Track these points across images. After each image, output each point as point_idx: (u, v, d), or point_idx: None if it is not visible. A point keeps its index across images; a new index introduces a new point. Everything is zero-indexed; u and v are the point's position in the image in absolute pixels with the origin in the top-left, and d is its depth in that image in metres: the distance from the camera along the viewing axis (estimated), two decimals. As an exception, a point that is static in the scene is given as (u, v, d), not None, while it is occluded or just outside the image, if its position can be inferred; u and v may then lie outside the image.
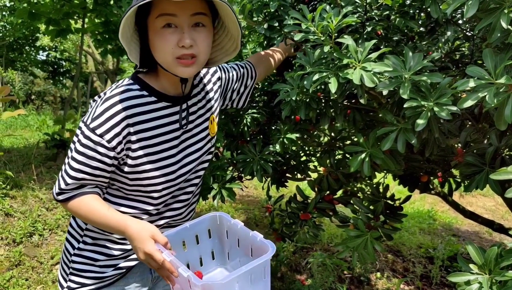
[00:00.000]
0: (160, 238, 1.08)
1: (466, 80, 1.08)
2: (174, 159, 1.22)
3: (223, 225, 1.25)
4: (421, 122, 1.24)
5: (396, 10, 1.44)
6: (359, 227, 1.76)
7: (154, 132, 1.16)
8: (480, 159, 1.44)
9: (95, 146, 1.10)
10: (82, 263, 1.30)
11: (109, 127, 1.09)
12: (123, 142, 1.12)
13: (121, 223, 1.13)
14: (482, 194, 6.25)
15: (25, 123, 8.55)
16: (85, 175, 1.13)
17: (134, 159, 1.15)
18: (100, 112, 1.10)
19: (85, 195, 1.16)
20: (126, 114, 1.10)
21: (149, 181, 1.19)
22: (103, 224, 1.16)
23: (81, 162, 1.12)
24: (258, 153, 1.82)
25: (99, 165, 1.13)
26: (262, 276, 1.07)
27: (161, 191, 1.23)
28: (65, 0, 5.05)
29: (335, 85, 1.24)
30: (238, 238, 1.21)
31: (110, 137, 1.09)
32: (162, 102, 1.18)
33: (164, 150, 1.19)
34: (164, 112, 1.18)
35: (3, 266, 2.95)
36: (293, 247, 3.62)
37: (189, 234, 1.23)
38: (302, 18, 1.27)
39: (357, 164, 1.53)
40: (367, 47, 1.25)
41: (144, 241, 1.07)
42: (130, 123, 1.11)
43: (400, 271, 3.53)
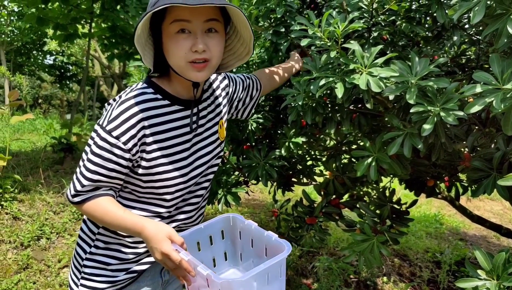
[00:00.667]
0: (177, 239, 1.10)
1: (473, 86, 1.08)
2: (186, 161, 1.24)
3: (236, 226, 1.27)
4: (428, 127, 1.24)
5: (402, 15, 1.45)
6: (366, 231, 1.76)
7: (167, 135, 1.19)
8: (488, 164, 1.43)
9: (112, 148, 1.12)
10: (94, 267, 1.30)
11: (125, 129, 1.12)
12: (138, 144, 1.14)
13: (138, 224, 1.14)
14: (490, 198, 6.21)
15: (33, 127, 8.62)
16: (101, 177, 1.15)
17: (148, 161, 1.17)
18: (116, 115, 1.12)
19: (100, 197, 1.18)
20: (141, 116, 1.13)
21: (163, 183, 1.21)
22: (119, 226, 1.17)
23: (97, 164, 1.14)
24: (263, 158, 1.83)
25: (115, 167, 1.14)
26: (279, 274, 1.09)
27: (174, 193, 1.25)
28: (72, 5, 5.10)
29: (341, 90, 1.24)
30: (252, 239, 1.23)
31: (126, 139, 1.12)
32: (175, 105, 1.21)
33: (177, 153, 1.22)
34: (177, 115, 1.21)
35: (11, 269, 2.97)
36: (299, 251, 3.61)
37: (203, 235, 1.25)
38: (308, 24, 1.27)
39: (364, 168, 1.53)
40: (373, 52, 1.25)
41: (161, 242, 1.08)
42: (145, 125, 1.14)
43: (407, 276, 3.51)
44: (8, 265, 3.02)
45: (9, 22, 10.67)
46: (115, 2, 4.78)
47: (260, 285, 1.03)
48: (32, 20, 4.91)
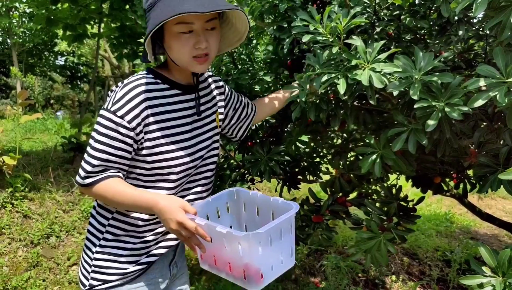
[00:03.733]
0: (189, 208, 1.15)
1: (477, 80, 1.06)
2: (188, 143, 1.30)
3: (240, 199, 1.33)
4: (432, 122, 1.22)
5: (406, 10, 1.43)
6: (372, 229, 1.74)
7: (168, 116, 1.26)
8: (494, 159, 1.41)
9: (117, 127, 1.18)
10: (105, 259, 1.33)
11: (129, 108, 1.19)
12: (142, 124, 1.21)
13: (150, 199, 1.18)
14: (502, 196, 6.12)
15: (44, 127, 8.72)
16: (109, 156, 1.20)
17: (152, 141, 1.23)
18: (120, 96, 1.20)
19: (110, 178, 1.22)
20: (145, 96, 1.21)
21: (167, 162, 1.26)
22: (131, 204, 1.21)
23: (105, 143, 1.19)
24: (266, 153, 1.82)
25: (122, 146, 1.20)
26: (289, 231, 1.16)
27: (179, 174, 1.29)
28: (81, 5, 5.14)
29: (343, 86, 1.23)
30: (258, 207, 1.29)
31: (131, 118, 1.19)
32: (174, 89, 1.30)
33: (178, 134, 1.28)
34: (177, 99, 1.30)
35: (21, 267, 3.01)
36: (307, 249, 3.60)
37: (211, 208, 1.30)
38: (310, 19, 1.27)
39: (368, 165, 1.52)
40: (376, 47, 1.24)
41: (175, 211, 1.13)
42: (148, 106, 1.22)
43: (416, 274, 3.48)
44: (18, 262, 3.06)
45: (21, 23, 10.79)
46: (123, 2, 4.81)
47: (274, 239, 1.10)
48: (42, 21, 4.97)
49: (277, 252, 1.16)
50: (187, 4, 1.09)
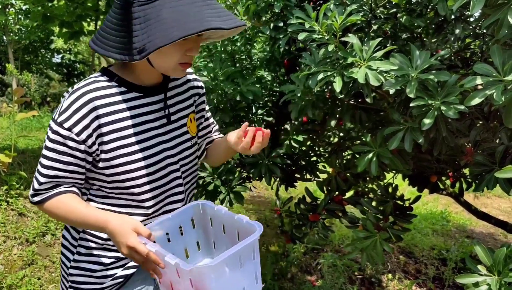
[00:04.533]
0: (143, 230, 1.04)
1: (473, 78, 1.06)
2: (150, 151, 1.16)
3: (206, 213, 1.21)
4: (428, 121, 1.22)
5: (403, 8, 1.42)
6: (368, 228, 1.74)
7: (125, 123, 1.11)
8: (490, 158, 1.41)
9: (65, 140, 1.06)
10: (80, 275, 1.25)
11: (77, 120, 1.05)
12: (94, 135, 1.08)
13: (101, 218, 1.09)
14: (498, 195, 6.14)
15: (40, 125, 8.67)
16: (58, 172, 1.10)
17: (107, 152, 1.10)
18: (67, 106, 1.06)
19: (62, 194, 1.12)
20: (93, 105, 1.06)
21: (126, 175, 1.13)
22: (83, 223, 1.12)
23: (52, 159, 1.08)
24: (267, 155, 1.81)
25: (71, 160, 1.09)
26: (252, 257, 1.04)
27: (142, 186, 1.16)
28: (78, 2, 5.11)
29: (339, 84, 1.23)
30: (224, 224, 1.17)
31: (79, 130, 1.06)
32: (133, 92, 1.13)
33: (139, 142, 1.14)
34: (135, 103, 1.14)
35: (16, 265, 2.99)
36: (304, 248, 3.60)
37: (172, 225, 1.18)
38: (305, 18, 1.26)
39: (365, 163, 1.52)
40: (372, 45, 1.24)
41: (126, 235, 1.03)
42: (99, 115, 1.07)
43: (412, 273, 3.48)
44: (13, 260, 3.04)
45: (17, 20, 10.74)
46: (119, -1, 4.78)
47: (233, 270, 1.00)
48: (38, 17, 4.94)
49: (238, 281, 1.04)
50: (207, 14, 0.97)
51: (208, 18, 0.95)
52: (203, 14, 0.95)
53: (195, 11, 0.95)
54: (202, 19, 0.94)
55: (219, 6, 1.01)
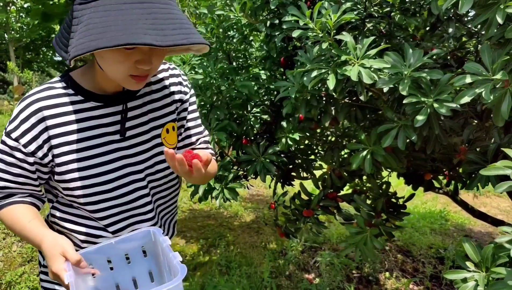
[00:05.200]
0: (71, 256, 0.93)
1: (463, 76, 1.07)
2: (109, 166, 1.05)
3: (157, 242, 1.07)
4: (421, 118, 1.23)
5: (397, 7, 1.44)
6: (359, 224, 1.76)
7: (80, 136, 1.01)
8: (482, 156, 1.43)
9: (12, 151, 0.99)
10: (48, 281, 1.20)
11: (25, 130, 0.98)
12: (45, 147, 1.00)
13: (38, 237, 1.00)
14: (497, 195, 6.14)
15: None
16: (7, 183, 1.03)
17: (59, 166, 1.02)
18: (16, 114, 0.99)
19: (13, 205, 1.06)
20: (42, 115, 0.98)
21: (80, 191, 1.04)
22: (24, 237, 1.04)
23: (0, 170, 1.02)
24: (262, 153, 1.83)
25: (21, 172, 1.02)
26: None
27: (98, 204, 1.06)
28: (78, 1, 5.13)
29: (333, 81, 1.24)
30: (166, 258, 1.03)
31: (27, 141, 0.98)
32: (90, 102, 1.02)
33: (95, 156, 1.04)
34: (93, 113, 1.03)
35: (16, 262, 3.02)
36: (302, 246, 3.61)
37: (115, 252, 1.06)
38: (300, 15, 1.27)
39: (359, 161, 1.53)
40: (365, 43, 1.25)
41: (53, 258, 0.93)
42: (48, 126, 0.99)
43: (410, 271, 3.49)
44: (13, 257, 3.06)
45: (18, 18, 10.76)
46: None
47: None
48: (38, 15, 4.96)
49: None
50: (141, 25, 0.81)
51: (140, 30, 0.80)
52: (135, 25, 0.80)
53: (126, 20, 0.80)
54: (130, 31, 0.79)
55: (171, 17, 0.85)
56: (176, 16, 0.87)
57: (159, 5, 0.85)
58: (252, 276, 3.08)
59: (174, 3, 0.90)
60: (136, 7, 0.82)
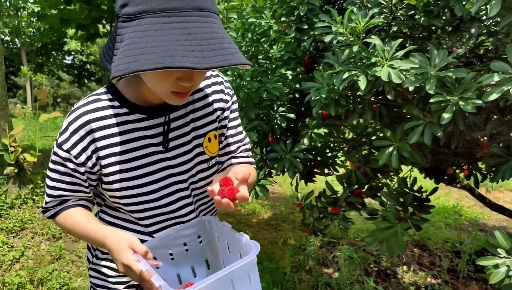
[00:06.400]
0: (139, 248, 0.98)
1: (491, 75, 1.14)
2: (154, 176, 1.08)
3: (213, 230, 1.12)
4: (447, 116, 1.30)
5: (421, 9, 1.51)
6: (389, 219, 1.83)
7: (125, 147, 1.05)
8: (506, 150, 1.49)
9: (64, 162, 1.03)
10: (97, 277, 1.26)
11: (75, 142, 1.01)
12: (93, 158, 1.04)
13: (100, 234, 1.05)
14: (509, 189, 6.18)
15: (55, 125, 8.84)
16: (62, 192, 1.09)
17: (106, 176, 1.06)
18: (65, 126, 1.02)
19: (68, 209, 1.12)
20: (90, 127, 1.01)
21: (127, 200, 1.08)
22: (84, 237, 1.10)
23: (55, 179, 1.07)
24: (289, 151, 1.91)
25: (74, 180, 1.07)
26: (248, 281, 0.91)
27: (143, 212, 1.11)
28: (93, 5, 5.23)
29: (364, 82, 1.31)
30: (228, 242, 1.07)
31: (77, 152, 1.02)
32: (136, 114, 1.04)
33: (140, 167, 1.06)
34: (138, 125, 1.05)
35: (45, 260, 3.12)
36: (320, 241, 3.69)
37: (175, 243, 1.10)
38: (331, 21, 1.35)
39: (386, 157, 1.61)
40: (393, 45, 1.32)
41: (122, 252, 0.98)
42: (96, 138, 1.02)
43: (427, 265, 3.56)
44: (42, 256, 3.17)
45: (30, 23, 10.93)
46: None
47: None
48: (56, 21, 5.07)
49: None
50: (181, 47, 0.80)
51: (179, 53, 0.79)
52: (174, 47, 0.80)
53: (165, 41, 0.80)
54: (169, 53, 0.79)
55: (210, 37, 0.84)
56: (216, 35, 0.85)
57: (198, 24, 0.84)
58: (274, 271, 3.16)
59: (215, 19, 0.89)
60: (176, 27, 0.82)
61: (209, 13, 0.87)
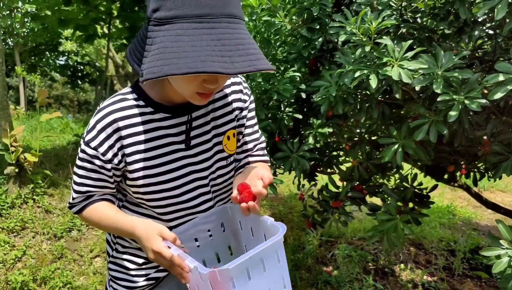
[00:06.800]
0: (168, 234, 1.02)
1: (496, 75, 1.21)
2: (175, 174, 1.12)
3: (235, 216, 1.16)
4: (454, 114, 1.37)
5: (428, 12, 1.57)
6: (391, 212, 1.89)
7: (150, 145, 1.09)
8: (506, 148, 1.56)
9: (92, 159, 1.08)
10: (117, 270, 1.30)
11: (102, 139, 1.06)
12: (119, 154, 1.08)
13: (128, 224, 1.10)
14: (501, 189, 6.31)
15: (49, 126, 8.81)
16: (88, 188, 1.14)
17: (131, 173, 1.10)
18: (93, 125, 1.07)
19: (95, 203, 1.16)
20: (117, 126, 1.06)
21: (150, 196, 1.13)
22: (113, 229, 1.15)
23: (82, 176, 1.12)
24: (296, 150, 1.96)
25: (100, 177, 1.11)
26: (276, 260, 0.96)
27: (166, 207, 1.15)
28: (91, 6, 5.26)
29: (375, 81, 1.38)
30: (251, 227, 1.12)
31: (104, 150, 1.07)
32: (160, 113, 1.09)
33: (164, 164, 1.11)
34: (162, 124, 1.10)
35: (47, 259, 3.14)
36: (318, 240, 3.75)
37: (200, 229, 1.16)
38: (345, 21, 1.41)
39: (391, 154, 1.67)
40: (404, 46, 1.39)
41: (152, 239, 1.02)
42: (122, 136, 1.06)
43: (423, 263, 3.63)
44: (43, 255, 3.18)
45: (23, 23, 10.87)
46: (134, 3, 4.93)
47: (256, 273, 0.92)
48: (54, 22, 5.09)
49: (262, 286, 0.95)
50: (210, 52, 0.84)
51: (209, 58, 0.84)
52: (205, 52, 0.84)
53: (196, 46, 0.84)
54: (200, 58, 0.83)
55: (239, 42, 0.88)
56: (244, 41, 0.89)
57: (228, 30, 0.88)
58: (275, 268, 3.21)
59: (242, 25, 0.93)
60: (207, 32, 0.86)
61: (237, 19, 0.91)
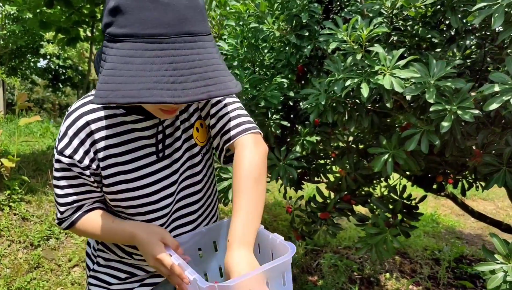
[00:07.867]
0: (170, 241, 0.99)
1: (492, 85, 1.18)
2: (153, 177, 1.06)
3: None
4: (446, 124, 1.34)
5: (419, 20, 1.55)
6: (379, 225, 1.85)
7: (124, 148, 1.03)
8: (498, 159, 1.54)
9: (69, 166, 1.01)
10: (97, 285, 1.22)
11: (76, 146, 0.99)
12: (96, 159, 1.02)
13: (128, 230, 1.04)
14: (483, 198, 6.38)
15: (29, 130, 8.59)
16: (75, 197, 1.06)
17: (106, 178, 1.03)
18: (64, 131, 1.00)
19: (86, 214, 1.09)
20: (90, 129, 0.99)
21: (128, 202, 1.06)
22: (111, 237, 1.09)
23: (64, 186, 1.04)
24: (283, 158, 1.91)
25: (83, 181, 1.04)
26: (281, 282, 0.91)
27: (146, 215, 1.08)
28: (74, 8, 5.15)
29: (366, 90, 1.34)
30: (259, 243, 1.06)
31: (80, 156, 1.00)
32: (132, 115, 1.02)
33: (139, 168, 1.05)
34: (135, 126, 1.03)
35: (23, 269, 3.01)
36: (304, 249, 3.70)
37: (205, 240, 1.10)
38: (336, 29, 1.37)
39: (381, 164, 1.63)
40: (395, 55, 1.35)
41: (152, 246, 0.98)
42: (95, 139, 1.00)
43: (408, 272, 3.62)
44: (19, 264, 3.05)
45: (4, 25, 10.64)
46: (118, 6, 4.84)
47: None
48: (35, 24, 4.96)
49: None
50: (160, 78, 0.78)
51: (158, 85, 0.78)
52: (154, 78, 0.78)
53: (146, 71, 0.79)
54: (147, 86, 0.78)
55: (194, 65, 0.82)
56: (201, 62, 0.82)
57: (183, 52, 0.81)
58: (260, 279, 3.14)
59: (205, 41, 0.85)
60: (159, 54, 0.79)
61: (198, 36, 0.84)
